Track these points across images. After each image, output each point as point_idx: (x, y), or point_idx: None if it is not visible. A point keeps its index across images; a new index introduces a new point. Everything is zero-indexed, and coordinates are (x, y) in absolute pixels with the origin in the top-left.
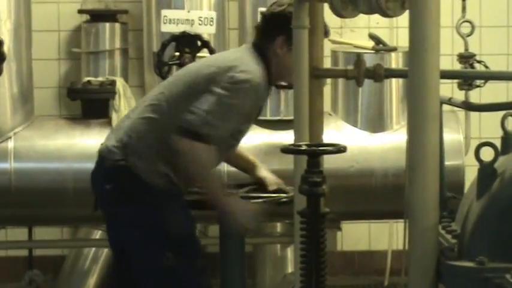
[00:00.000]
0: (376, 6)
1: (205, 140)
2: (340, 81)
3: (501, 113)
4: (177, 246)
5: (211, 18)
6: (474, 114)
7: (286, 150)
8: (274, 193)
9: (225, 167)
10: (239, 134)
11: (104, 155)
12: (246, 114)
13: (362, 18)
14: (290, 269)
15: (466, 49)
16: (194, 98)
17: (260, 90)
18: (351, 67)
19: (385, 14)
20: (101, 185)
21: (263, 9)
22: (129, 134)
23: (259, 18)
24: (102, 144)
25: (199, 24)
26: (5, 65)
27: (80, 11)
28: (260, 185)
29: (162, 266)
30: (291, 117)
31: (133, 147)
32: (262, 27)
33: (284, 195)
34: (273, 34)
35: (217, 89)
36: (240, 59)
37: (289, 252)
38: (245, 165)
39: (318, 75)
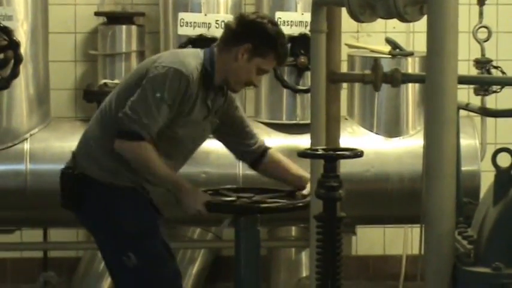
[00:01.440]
0: (394, 10)
1: (136, 137)
2: (357, 86)
3: None
4: (139, 246)
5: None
6: (490, 120)
7: (303, 154)
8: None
9: (239, 170)
10: (176, 125)
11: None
12: (169, 104)
13: (378, 23)
14: (304, 273)
15: (483, 54)
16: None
17: (183, 79)
18: (368, 72)
19: (403, 19)
20: (63, 190)
21: (281, 13)
22: (84, 144)
23: (277, 21)
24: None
25: (216, 28)
26: (21, 66)
27: (97, 13)
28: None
29: (124, 267)
30: (307, 121)
31: (84, 152)
32: (235, 30)
33: (300, 200)
34: (242, 39)
35: (144, 83)
36: (167, 54)
37: (304, 256)
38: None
39: (335, 79)
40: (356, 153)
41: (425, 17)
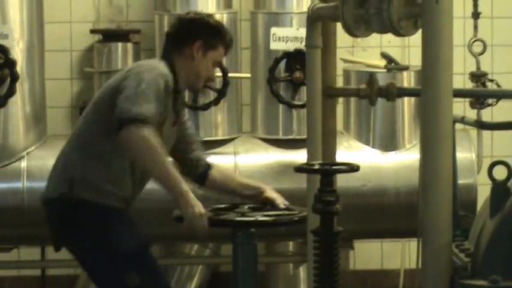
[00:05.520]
0: (388, 25)
1: (140, 119)
2: (353, 100)
3: None
4: (138, 265)
5: None
6: (486, 133)
7: (299, 169)
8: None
9: None
10: (162, 121)
11: (48, 197)
12: (160, 94)
13: (374, 37)
14: None
15: (478, 68)
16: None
17: (167, 78)
18: (363, 86)
19: (398, 33)
20: (52, 219)
21: (276, 28)
22: (66, 168)
23: (271, 37)
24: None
25: None
26: (18, 84)
27: (93, 31)
28: (269, 205)
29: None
30: (303, 137)
31: (74, 177)
32: (179, 32)
33: (296, 213)
34: (190, 38)
35: (125, 82)
36: (140, 62)
37: (302, 271)
38: (251, 191)
39: (330, 94)
40: (352, 168)
41: (420, 31)
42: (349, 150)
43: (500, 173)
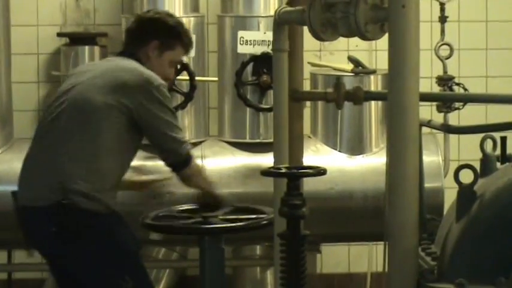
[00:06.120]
0: (355, 29)
1: (191, 157)
2: (320, 104)
3: (479, 135)
4: (131, 267)
5: None
6: (453, 137)
7: (266, 173)
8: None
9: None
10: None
11: (38, 197)
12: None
13: (341, 41)
14: None
15: (445, 71)
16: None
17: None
18: (330, 90)
19: (364, 37)
20: (42, 227)
21: (243, 32)
22: (62, 172)
23: (238, 40)
24: (27, 186)
25: None
26: None
27: (59, 34)
28: None
29: None
30: (270, 140)
31: (71, 184)
32: (137, 30)
33: (264, 217)
34: (147, 37)
35: (155, 107)
36: (135, 69)
37: (269, 275)
38: None
39: (297, 98)
40: (319, 172)
41: (387, 35)
42: (316, 154)
43: (466, 176)
